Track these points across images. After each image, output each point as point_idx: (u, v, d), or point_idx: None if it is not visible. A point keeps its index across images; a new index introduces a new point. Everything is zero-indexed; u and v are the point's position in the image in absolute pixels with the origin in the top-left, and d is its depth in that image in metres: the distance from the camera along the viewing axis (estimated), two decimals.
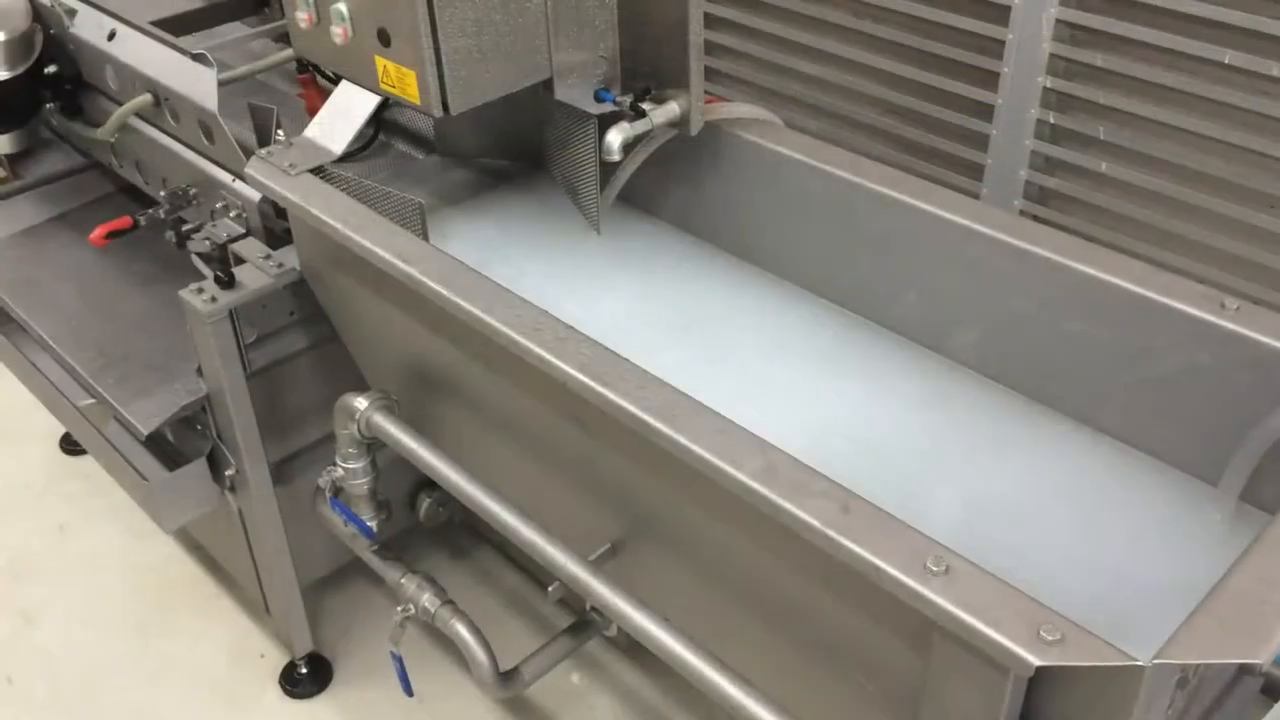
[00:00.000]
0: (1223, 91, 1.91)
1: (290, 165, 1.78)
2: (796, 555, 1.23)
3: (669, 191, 2.01)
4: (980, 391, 1.66)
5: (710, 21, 2.62)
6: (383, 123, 2.13)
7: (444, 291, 1.52)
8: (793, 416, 1.64)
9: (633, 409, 1.31)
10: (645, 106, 1.77)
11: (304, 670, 2.37)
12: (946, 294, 1.67)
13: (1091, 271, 1.49)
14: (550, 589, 1.70)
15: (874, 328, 1.79)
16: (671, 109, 1.78)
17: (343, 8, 1.70)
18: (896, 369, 1.72)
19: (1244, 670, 1.39)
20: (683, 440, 1.26)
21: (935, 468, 1.55)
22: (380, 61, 1.72)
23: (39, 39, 2.26)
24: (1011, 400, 1.64)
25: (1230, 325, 1.39)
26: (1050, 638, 1.01)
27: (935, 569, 1.08)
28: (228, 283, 1.86)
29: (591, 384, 1.35)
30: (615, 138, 1.74)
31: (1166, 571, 1.38)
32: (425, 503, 2.34)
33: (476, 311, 1.49)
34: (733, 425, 1.27)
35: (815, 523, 1.15)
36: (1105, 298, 1.48)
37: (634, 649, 2.36)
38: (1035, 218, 2.24)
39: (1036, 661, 1.00)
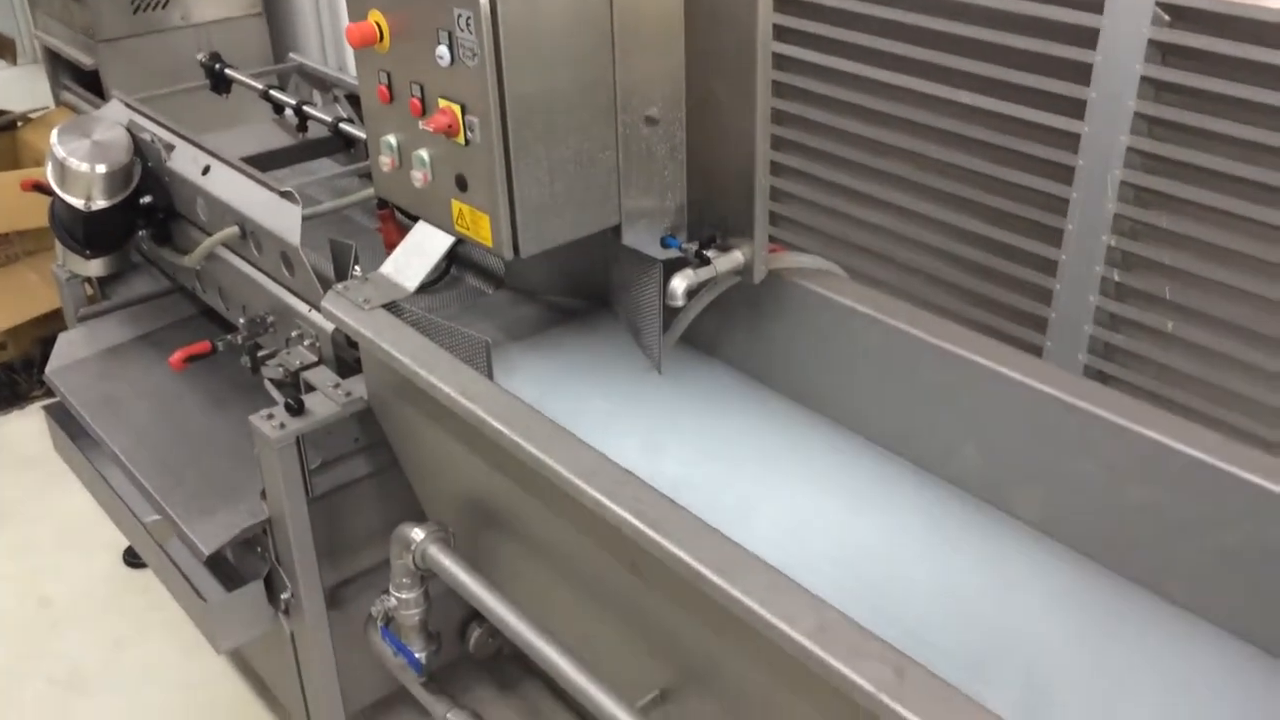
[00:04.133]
0: None
1: (365, 300, 1.84)
2: (848, 716, 1.20)
3: (731, 335, 2.03)
4: (1042, 551, 1.63)
5: (777, 169, 2.68)
6: (455, 257, 2.20)
7: (504, 430, 1.55)
8: (847, 565, 1.62)
9: (687, 558, 1.30)
10: (710, 254, 1.81)
11: None
12: (1008, 452, 1.66)
13: (1158, 437, 1.47)
14: None
15: (934, 479, 1.77)
16: (735, 257, 1.82)
17: (424, 154, 1.78)
18: (955, 524, 1.69)
19: None
20: (735, 593, 1.25)
21: (993, 629, 1.52)
22: (456, 205, 1.79)
23: (137, 171, 2.38)
24: (1074, 562, 1.61)
25: None
26: None
27: None
28: (297, 409, 1.91)
29: (646, 530, 1.35)
30: (679, 284, 1.77)
31: None
32: (475, 633, 2.33)
33: (535, 451, 1.50)
34: (787, 581, 1.26)
35: (868, 686, 1.13)
36: (1172, 465, 1.45)
37: None
38: (1101, 373, 2.22)
39: None
